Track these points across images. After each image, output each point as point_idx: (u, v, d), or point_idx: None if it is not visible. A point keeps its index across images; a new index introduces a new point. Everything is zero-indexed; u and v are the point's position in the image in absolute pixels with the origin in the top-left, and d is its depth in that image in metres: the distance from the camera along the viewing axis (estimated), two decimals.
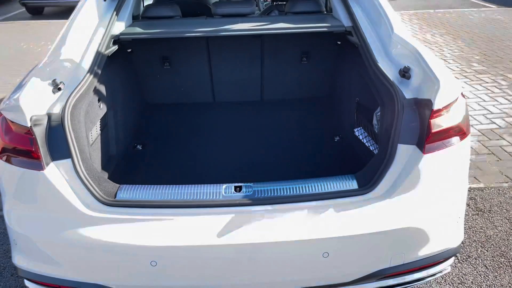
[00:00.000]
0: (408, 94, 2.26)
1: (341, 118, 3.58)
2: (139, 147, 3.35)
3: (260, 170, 2.99)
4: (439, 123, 2.11)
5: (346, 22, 3.11)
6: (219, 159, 3.14)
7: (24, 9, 12.89)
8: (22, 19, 12.23)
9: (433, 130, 2.10)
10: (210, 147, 3.30)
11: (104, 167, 2.88)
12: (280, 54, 3.84)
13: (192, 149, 3.29)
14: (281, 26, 3.12)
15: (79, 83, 2.43)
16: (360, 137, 3.05)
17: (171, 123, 3.74)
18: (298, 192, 2.22)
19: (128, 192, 2.23)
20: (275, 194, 2.20)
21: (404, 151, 2.13)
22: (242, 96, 4.14)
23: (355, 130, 3.17)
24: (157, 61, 3.78)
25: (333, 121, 3.68)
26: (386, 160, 2.21)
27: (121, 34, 3.03)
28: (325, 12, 3.70)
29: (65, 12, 12.36)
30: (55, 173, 2.10)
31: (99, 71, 2.67)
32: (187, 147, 3.33)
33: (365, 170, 2.36)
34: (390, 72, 2.47)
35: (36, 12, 12.81)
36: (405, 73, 2.36)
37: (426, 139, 2.09)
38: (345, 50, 3.50)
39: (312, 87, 4.10)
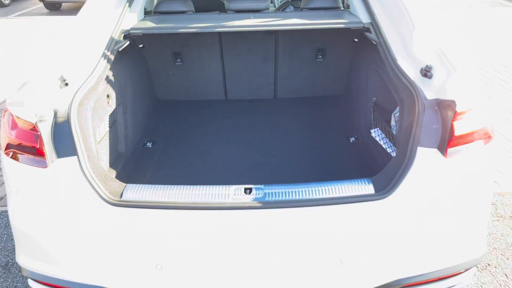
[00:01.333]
0: (429, 94, 2.14)
1: (357, 118, 3.46)
2: (149, 144, 3.29)
3: (271, 170, 2.90)
4: (463, 125, 1.99)
5: (365, 19, 2.98)
6: (230, 158, 3.05)
7: (41, 4, 13.00)
8: (39, 14, 12.34)
9: (456, 133, 1.98)
10: (221, 146, 3.22)
11: (112, 164, 2.82)
12: (295, 51, 3.72)
13: (202, 147, 3.21)
14: (296, 22, 3.01)
15: (87, 79, 2.36)
16: (377, 139, 2.92)
17: (182, 120, 3.67)
18: (310, 195, 2.11)
19: (135, 192, 2.16)
20: (286, 197, 2.10)
21: (424, 154, 2.03)
22: (255, 94, 4.04)
23: (372, 131, 3.05)
24: (169, 57, 3.71)
25: (348, 121, 3.56)
26: (404, 163, 2.10)
27: (132, 29, 2.96)
28: (342, 8, 3.57)
29: None
30: (60, 171, 2.04)
31: (108, 67, 2.60)
32: (198, 145, 3.25)
33: (382, 173, 2.24)
34: (411, 71, 2.34)
35: (54, 8, 12.91)
36: (426, 72, 2.24)
37: (448, 142, 1.98)
38: (362, 48, 3.37)
39: (327, 85, 3.98)
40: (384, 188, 2.10)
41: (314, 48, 3.70)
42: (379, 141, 2.89)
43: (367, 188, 2.14)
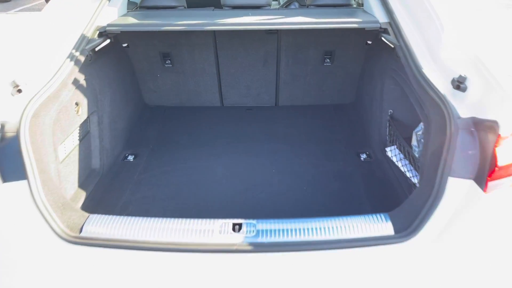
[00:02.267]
0: (463, 112, 1.78)
1: (369, 132, 3.03)
2: (130, 158, 2.87)
3: (269, 194, 2.48)
4: (508, 153, 1.62)
5: (381, 18, 2.56)
6: (222, 177, 2.64)
7: (43, 0, 12.66)
8: (39, 10, 12.00)
9: (500, 163, 1.58)
10: (213, 162, 2.80)
11: (82, 184, 2.41)
12: (299, 54, 3.30)
13: (191, 163, 2.79)
14: (302, 20, 2.59)
15: (46, 84, 1.96)
16: (394, 159, 2.50)
17: (170, 129, 3.25)
18: (314, 236, 1.71)
19: (98, 225, 1.77)
20: (284, 237, 1.71)
21: (457, 187, 1.68)
22: (254, 101, 3.62)
23: (388, 149, 2.62)
24: (157, 58, 3.29)
25: (359, 134, 3.13)
26: (432, 197, 1.73)
27: (109, 25, 2.55)
28: (354, 6, 3.14)
29: None
30: (6, 198, 1.70)
31: (77, 69, 2.20)
32: (185, 160, 2.83)
33: (403, 208, 1.84)
34: (439, 82, 1.93)
35: None
36: (459, 84, 1.83)
37: (489, 173, 1.63)
38: (377, 51, 2.94)
39: (335, 93, 3.55)
40: (406, 228, 1.73)
41: (321, 51, 3.28)
42: (396, 162, 2.46)
43: (384, 227, 1.75)
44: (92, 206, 2.36)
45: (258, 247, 1.66)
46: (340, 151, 2.93)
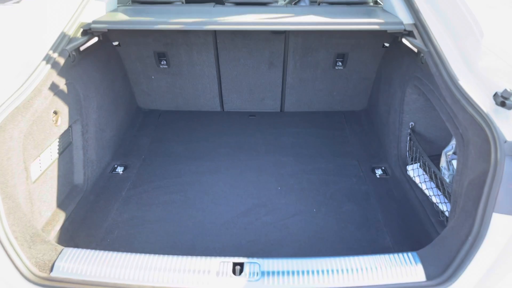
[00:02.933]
0: (510, 134, 1.49)
1: (385, 145, 2.73)
2: (120, 170, 2.57)
3: (273, 217, 2.18)
4: None
5: (405, 19, 2.25)
6: (221, 196, 2.34)
7: None
8: None
9: None
10: (211, 177, 2.50)
11: (61, 204, 2.12)
12: (309, 56, 2.99)
13: (186, 177, 2.49)
14: (313, 20, 2.28)
15: (15, 92, 1.66)
16: (417, 180, 2.20)
17: (164, 137, 2.95)
18: (330, 279, 1.44)
19: (73, 262, 1.50)
20: (294, 281, 1.44)
21: (502, 225, 1.43)
22: (258, 106, 3.31)
23: (410, 167, 2.32)
24: (151, 58, 2.98)
25: (373, 147, 2.83)
26: (472, 236, 1.47)
27: (95, 22, 2.24)
28: (371, 4, 2.83)
29: None
30: None
31: (55, 72, 1.90)
32: (180, 173, 2.53)
33: (435, 247, 1.58)
34: (479, 97, 1.64)
35: None
36: (504, 99, 1.54)
37: None
38: (397, 56, 2.63)
39: (347, 98, 3.25)
40: (440, 273, 1.49)
41: (333, 53, 2.97)
42: (419, 184, 2.17)
43: (413, 271, 1.49)
44: (73, 229, 2.07)
45: None
46: (352, 165, 2.64)
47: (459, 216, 1.56)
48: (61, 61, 1.95)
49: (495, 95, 1.58)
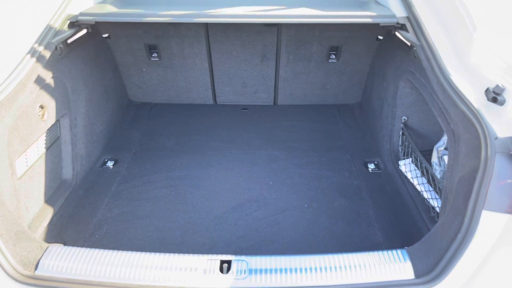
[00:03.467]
0: (501, 130, 1.47)
1: (378, 139, 2.71)
2: (110, 164, 2.54)
3: (264, 212, 2.16)
4: None
5: (398, 12, 2.22)
6: (211, 190, 2.32)
7: None
8: None
9: None
10: (202, 170, 2.48)
11: (49, 200, 2.09)
12: (302, 49, 2.95)
13: (177, 172, 2.47)
14: (306, 13, 2.24)
15: None
16: (409, 175, 2.18)
17: (156, 130, 2.92)
18: (319, 277, 1.43)
19: (58, 260, 1.48)
20: (282, 279, 1.43)
21: (492, 222, 1.41)
22: (250, 99, 3.28)
23: (402, 163, 2.30)
24: (142, 50, 2.93)
25: (366, 141, 2.81)
26: (461, 234, 1.47)
27: (82, 14, 2.19)
28: None
29: None
30: None
31: (41, 66, 1.86)
32: (171, 167, 2.51)
33: (425, 244, 1.57)
34: (471, 92, 1.62)
35: None
36: (496, 95, 1.53)
37: None
38: (390, 49, 2.60)
39: (340, 92, 3.22)
40: (429, 271, 1.48)
41: (327, 46, 2.93)
42: (411, 179, 2.15)
43: (402, 268, 1.48)
44: (61, 225, 2.04)
45: None
46: (345, 159, 2.62)
47: (449, 212, 1.55)
48: (47, 54, 1.91)
49: (487, 90, 1.56)
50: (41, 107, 1.96)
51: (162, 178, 2.43)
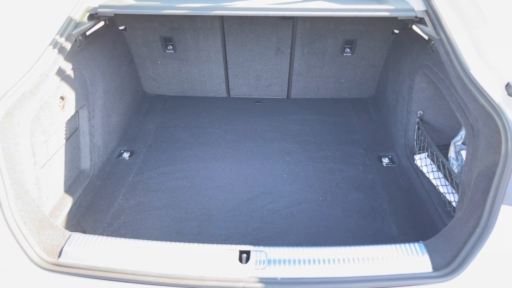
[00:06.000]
0: None
1: (392, 134, 2.71)
2: (126, 155, 2.58)
3: (279, 204, 2.18)
4: None
5: (417, 5, 2.20)
6: (227, 182, 2.34)
7: None
8: None
9: None
10: (217, 163, 2.50)
11: (69, 189, 2.13)
12: (317, 42, 2.95)
13: (192, 164, 2.50)
14: (322, 6, 2.24)
15: (22, 78, 1.65)
16: (425, 170, 2.18)
17: (170, 123, 2.94)
18: (336, 268, 1.45)
19: (80, 248, 1.51)
20: (300, 270, 1.45)
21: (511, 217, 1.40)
22: (264, 92, 3.29)
23: (417, 157, 2.30)
24: (157, 43, 2.95)
25: (380, 135, 2.80)
26: (480, 228, 1.46)
27: (101, 6, 2.21)
28: None
29: None
30: None
31: (62, 58, 1.88)
32: (187, 160, 2.53)
33: (442, 238, 1.57)
34: (491, 87, 1.61)
35: None
36: None
37: None
38: (406, 43, 2.59)
39: (354, 85, 3.21)
40: (447, 264, 1.47)
41: (341, 40, 2.92)
42: (426, 173, 2.15)
43: (420, 261, 1.48)
44: (80, 214, 2.08)
45: (270, 285, 1.39)
46: (359, 153, 2.62)
47: (467, 207, 1.55)
48: (68, 46, 1.93)
49: (507, 85, 1.56)
50: (61, 98, 1.99)
51: (178, 170, 2.45)
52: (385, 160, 2.54)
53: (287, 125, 2.94)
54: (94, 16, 2.23)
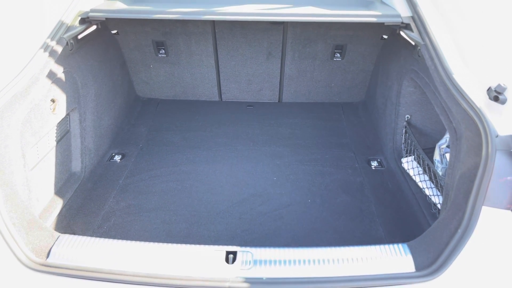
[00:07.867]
0: (501, 129, 1.51)
1: (381, 137, 2.75)
2: (117, 158, 2.60)
3: (268, 207, 2.21)
4: None
5: (403, 11, 2.25)
6: (217, 185, 2.36)
7: None
8: None
9: None
10: (208, 166, 2.53)
11: (59, 191, 2.14)
12: (307, 47, 2.99)
13: (183, 166, 2.52)
14: (312, 11, 2.28)
15: (12, 81, 1.67)
16: (411, 173, 2.22)
17: (162, 126, 2.96)
18: (322, 269, 1.48)
19: (69, 249, 1.52)
20: (286, 270, 1.48)
21: (491, 218, 1.45)
22: (255, 96, 3.32)
23: (404, 160, 2.34)
24: (149, 47, 2.98)
25: (369, 139, 2.84)
26: (462, 229, 1.50)
27: (92, 10, 2.24)
28: None
29: None
30: None
31: (53, 60, 1.90)
32: (177, 163, 2.56)
33: (425, 239, 1.60)
34: (473, 91, 1.65)
35: None
36: (498, 94, 1.56)
37: None
38: (394, 48, 2.64)
39: (344, 90, 3.26)
40: (429, 264, 1.51)
41: (332, 45, 2.97)
42: (413, 176, 2.19)
43: (403, 261, 1.51)
44: (70, 216, 2.09)
45: (255, 285, 1.41)
46: (348, 157, 2.66)
47: (450, 208, 1.58)
48: (59, 49, 1.95)
49: (489, 89, 1.60)
50: (52, 100, 2.01)
51: (168, 173, 2.47)
52: (374, 164, 2.58)
53: (278, 128, 2.97)
54: (85, 20, 2.26)
